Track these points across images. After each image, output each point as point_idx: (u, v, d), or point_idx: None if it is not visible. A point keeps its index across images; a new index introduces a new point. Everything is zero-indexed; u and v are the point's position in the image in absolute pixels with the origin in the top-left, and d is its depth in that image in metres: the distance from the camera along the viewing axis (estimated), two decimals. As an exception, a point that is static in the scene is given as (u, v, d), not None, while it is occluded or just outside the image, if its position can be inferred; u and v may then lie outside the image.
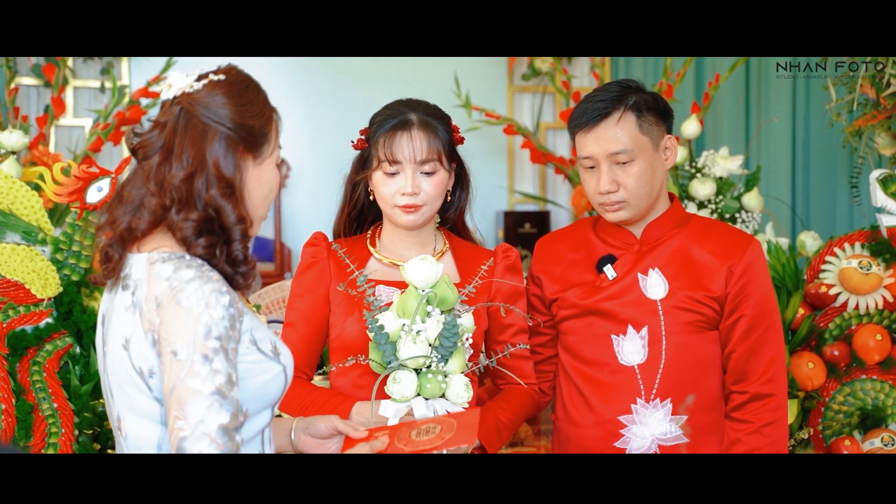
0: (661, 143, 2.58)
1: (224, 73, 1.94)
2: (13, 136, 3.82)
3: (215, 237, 1.87)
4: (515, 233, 5.35)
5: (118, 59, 5.22)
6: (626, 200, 2.55)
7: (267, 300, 3.96)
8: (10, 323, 2.94)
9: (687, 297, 2.56)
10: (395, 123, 2.47)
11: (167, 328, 1.78)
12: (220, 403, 1.76)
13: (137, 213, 1.89)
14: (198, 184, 1.87)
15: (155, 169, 1.88)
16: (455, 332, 2.30)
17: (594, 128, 2.54)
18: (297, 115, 5.48)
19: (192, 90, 1.90)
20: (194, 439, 1.73)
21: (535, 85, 5.64)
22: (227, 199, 1.88)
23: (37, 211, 3.07)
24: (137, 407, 1.87)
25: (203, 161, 1.87)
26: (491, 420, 2.48)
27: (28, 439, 2.86)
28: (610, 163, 2.53)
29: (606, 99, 2.54)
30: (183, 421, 1.74)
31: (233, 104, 1.91)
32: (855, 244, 3.49)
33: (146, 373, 1.83)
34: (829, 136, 4.98)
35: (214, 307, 1.80)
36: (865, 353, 3.40)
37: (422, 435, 2.22)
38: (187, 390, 1.75)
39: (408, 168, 2.46)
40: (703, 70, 5.35)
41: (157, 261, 1.86)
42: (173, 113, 1.90)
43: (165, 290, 1.81)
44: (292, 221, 5.44)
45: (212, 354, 1.78)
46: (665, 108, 2.60)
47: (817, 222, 5.17)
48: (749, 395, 2.57)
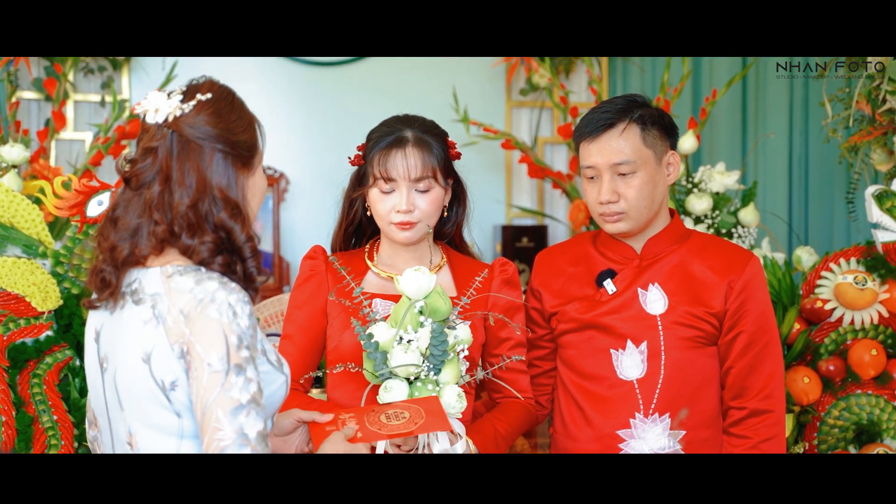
0: (665, 158, 2.59)
1: (208, 90, 1.94)
2: (14, 149, 3.83)
3: (231, 255, 1.89)
4: (513, 247, 5.36)
5: (118, 73, 5.23)
6: (626, 212, 2.56)
7: (266, 313, 3.97)
8: (10, 336, 2.95)
9: (686, 313, 2.56)
10: (391, 141, 2.49)
11: (199, 340, 1.80)
12: (255, 412, 1.80)
13: (138, 238, 1.90)
14: (204, 208, 1.88)
15: (157, 197, 1.89)
16: (443, 340, 2.32)
17: (598, 138, 2.56)
18: (296, 130, 5.50)
19: (181, 113, 1.90)
20: (236, 448, 1.77)
21: (533, 100, 5.65)
22: (236, 220, 1.90)
23: (37, 224, 3.08)
24: (154, 421, 1.88)
25: (206, 184, 1.88)
26: (489, 430, 2.49)
27: (28, 451, 2.86)
28: (612, 173, 2.55)
29: (612, 110, 2.56)
30: (223, 431, 1.77)
31: (223, 123, 1.91)
32: (851, 259, 3.50)
33: (168, 386, 1.84)
34: (825, 152, 5.00)
35: (241, 317, 1.83)
36: (861, 368, 3.41)
37: (392, 419, 2.24)
38: (226, 400, 1.78)
39: (402, 185, 2.47)
40: (700, 85, 5.37)
41: (173, 274, 1.87)
42: (164, 137, 1.89)
43: (190, 302, 1.82)
44: (291, 235, 5.44)
45: (244, 364, 1.81)
46: (670, 125, 2.62)
47: (813, 238, 5.18)
48: (748, 410, 2.58)
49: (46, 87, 4.88)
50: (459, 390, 2.37)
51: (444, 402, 2.35)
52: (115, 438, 1.96)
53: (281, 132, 5.36)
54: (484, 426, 2.49)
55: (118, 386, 1.91)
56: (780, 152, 5.26)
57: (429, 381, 2.35)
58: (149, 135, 1.92)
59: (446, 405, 2.35)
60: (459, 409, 2.37)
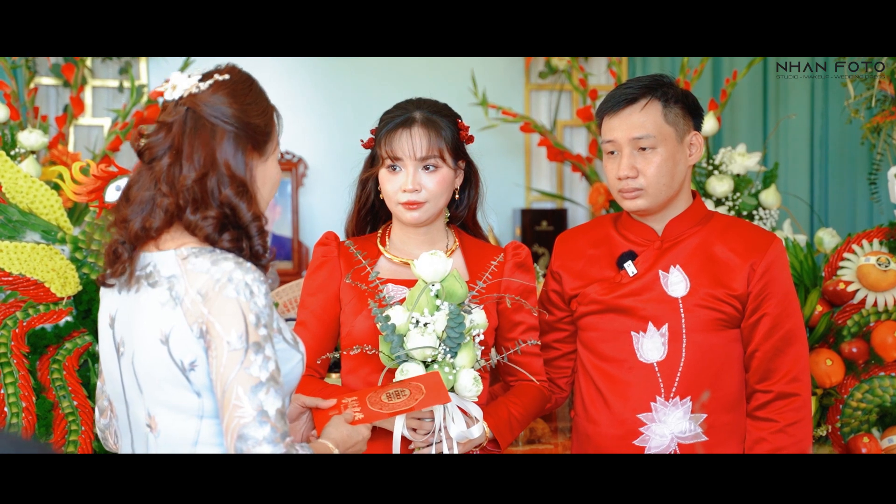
0: (687, 137, 2.58)
1: (227, 72, 1.96)
2: (33, 135, 3.83)
3: (238, 232, 1.90)
4: (532, 230, 5.34)
5: (136, 59, 5.23)
6: (645, 188, 2.54)
7: (284, 298, 3.97)
8: (29, 321, 2.96)
9: (708, 295, 2.55)
10: (399, 121, 2.50)
11: (218, 319, 1.83)
12: (274, 389, 1.83)
13: (149, 212, 1.92)
14: (211, 184, 1.89)
15: (166, 170, 1.91)
16: (460, 322, 2.33)
17: (619, 112, 2.55)
18: (314, 114, 5.49)
19: (197, 91, 1.92)
20: (256, 425, 1.80)
21: (552, 83, 5.62)
22: (241, 197, 1.91)
23: (56, 210, 3.09)
24: (174, 403, 1.89)
25: (214, 161, 1.90)
26: (503, 413, 2.49)
27: (49, 436, 2.88)
28: (631, 148, 2.54)
29: (635, 87, 2.57)
30: (243, 409, 1.80)
31: (238, 104, 1.93)
32: (873, 241, 3.48)
33: (187, 366, 1.86)
34: (847, 133, 4.95)
35: (258, 296, 1.85)
36: (884, 350, 3.39)
37: (393, 398, 2.25)
38: (246, 378, 1.81)
39: (409, 165, 2.48)
40: (721, 67, 5.33)
41: (188, 256, 1.88)
42: (179, 114, 1.92)
43: (208, 283, 1.84)
44: (310, 220, 5.44)
45: (263, 342, 1.84)
46: (694, 105, 2.61)
47: (835, 219, 5.13)
48: (773, 394, 2.55)
49: (65, 72, 4.88)
50: (475, 374, 2.38)
51: (460, 386, 2.36)
52: (134, 423, 1.97)
53: (299, 117, 5.35)
54: (499, 409, 2.49)
55: (136, 369, 1.92)
56: (801, 133, 5.22)
57: (445, 364, 2.35)
58: (166, 111, 1.94)
59: (463, 388, 2.36)
60: (476, 392, 2.37)
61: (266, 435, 1.80)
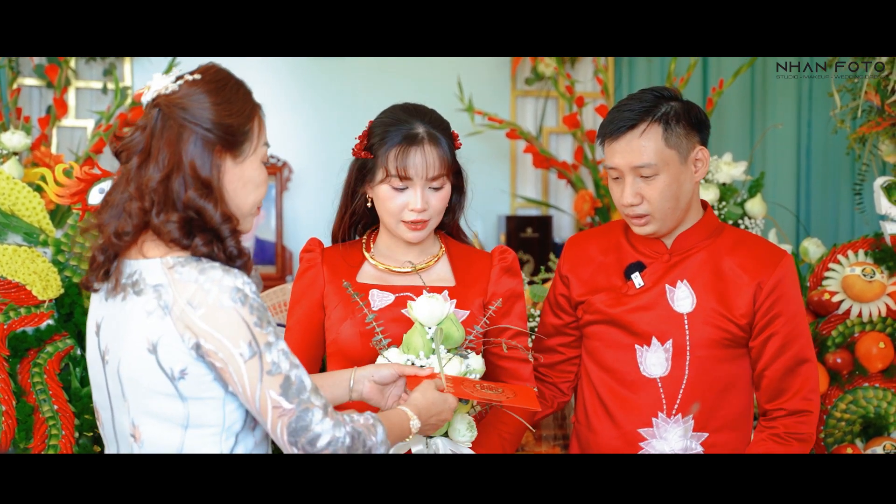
0: (691, 154, 2.52)
1: (201, 72, 1.94)
2: (15, 136, 3.80)
3: (209, 234, 1.88)
4: (517, 237, 5.33)
5: (121, 61, 5.20)
6: (651, 213, 2.51)
7: (268, 303, 3.94)
8: (10, 324, 2.93)
9: (714, 313, 2.52)
10: (405, 137, 2.43)
11: (223, 333, 1.82)
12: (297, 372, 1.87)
13: (122, 217, 1.90)
14: (175, 185, 1.87)
15: (134, 172, 1.90)
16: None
17: (619, 139, 2.50)
18: (299, 118, 5.47)
19: (167, 91, 1.91)
20: (307, 416, 1.83)
21: (539, 89, 5.62)
22: (206, 199, 1.88)
23: (38, 212, 3.06)
24: (159, 412, 1.88)
25: (180, 161, 1.87)
26: (495, 441, 2.51)
27: (28, 441, 2.85)
28: (634, 175, 2.50)
29: (635, 109, 2.49)
30: (282, 408, 1.83)
31: (210, 103, 1.90)
32: (858, 251, 3.48)
33: (177, 374, 1.85)
34: (833, 143, 4.96)
35: (252, 296, 1.86)
36: (868, 361, 3.39)
37: (486, 390, 2.27)
38: (271, 381, 1.83)
39: (418, 184, 2.44)
40: (708, 75, 5.34)
41: (175, 265, 1.86)
42: (152, 115, 1.90)
43: (198, 293, 1.83)
44: (294, 224, 5.42)
45: (272, 339, 1.86)
46: (698, 119, 2.55)
47: (821, 229, 5.14)
48: (786, 411, 2.53)
49: (48, 73, 4.85)
50: (470, 419, 2.37)
51: (454, 431, 2.36)
52: (118, 432, 1.95)
53: (284, 120, 5.33)
54: (490, 438, 2.51)
55: (122, 377, 1.90)
56: (787, 143, 5.23)
57: None
58: (143, 114, 1.94)
59: (456, 433, 2.36)
60: (470, 438, 2.37)
61: (314, 419, 1.83)
